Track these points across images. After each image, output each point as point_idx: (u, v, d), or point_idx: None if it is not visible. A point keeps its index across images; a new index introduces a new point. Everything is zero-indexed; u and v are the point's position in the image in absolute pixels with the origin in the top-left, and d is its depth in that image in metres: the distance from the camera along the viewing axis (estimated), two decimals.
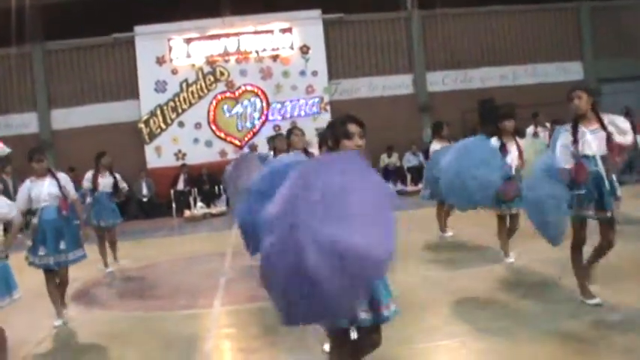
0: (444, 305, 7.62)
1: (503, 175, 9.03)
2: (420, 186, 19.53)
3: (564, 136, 6.95)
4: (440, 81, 24.38)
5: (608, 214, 6.84)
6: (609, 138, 6.80)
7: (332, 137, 4.64)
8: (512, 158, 9.22)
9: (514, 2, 24.46)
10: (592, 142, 6.83)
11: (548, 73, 24.85)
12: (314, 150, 9.03)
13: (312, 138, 9.87)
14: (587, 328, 6.51)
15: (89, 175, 11.87)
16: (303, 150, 9.16)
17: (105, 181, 11.88)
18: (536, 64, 24.85)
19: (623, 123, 6.93)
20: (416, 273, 9.36)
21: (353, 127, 4.56)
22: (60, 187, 8.23)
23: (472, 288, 8.46)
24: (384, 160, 22.92)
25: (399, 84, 24.20)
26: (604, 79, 23.47)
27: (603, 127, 6.82)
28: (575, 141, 6.84)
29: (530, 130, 14.79)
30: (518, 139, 9.50)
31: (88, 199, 11.53)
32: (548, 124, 14.96)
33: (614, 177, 6.88)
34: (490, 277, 8.96)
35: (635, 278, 7.14)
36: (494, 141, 9.30)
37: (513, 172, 9.16)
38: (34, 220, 8.19)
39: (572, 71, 25.25)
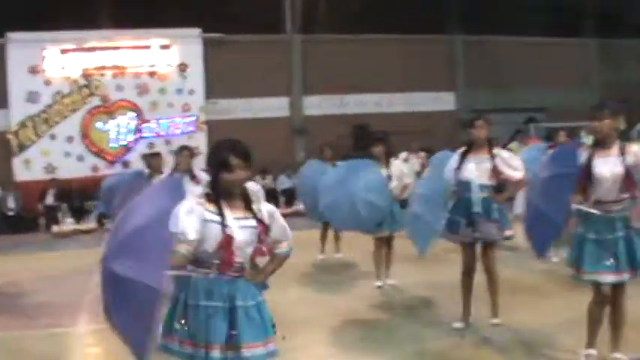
0: (316, 325, 7.72)
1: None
2: (295, 208, 19.81)
3: (453, 160, 7.45)
4: (316, 105, 24.66)
5: (476, 236, 7.28)
6: (495, 169, 7.17)
7: (211, 167, 4.37)
8: None
9: (393, 31, 24.97)
10: (472, 170, 7.16)
11: (422, 102, 25.55)
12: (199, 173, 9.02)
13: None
14: (453, 348, 6.78)
15: None
16: (189, 172, 9.07)
17: None
18: (411, 92, 25.47)
19: (512, 158, 7.40)
20: (292, 293, 9.42)
21: (235, 160, 4.25)
22: None
23: (347, 309, 8.64)
24: (258, 181, 22.84)
25: (276, 106, 24.35)
26: (475, 110, 24.20)
27: (492, 158, 7.19)
28: (459, 167, 7.18)
29: (403, 155, 15.12)
30: (394, 163, 9.72)
31: None
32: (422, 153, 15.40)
33: (493, 204, 7.28)
34: (364, 298, 9.19)
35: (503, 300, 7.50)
36: None
37: None
38: None
39: (445, 101, 26.06)
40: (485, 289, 7.57)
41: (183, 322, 4.24)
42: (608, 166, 5.71)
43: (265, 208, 4.46)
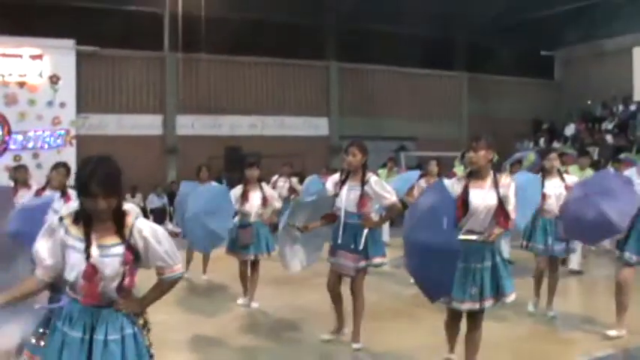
0: (181, 348, 7.69)
1: (240, 221, 9.37)
2: (164, 228, 19.60)
3: (330, 186, 7.59)
4: (189, 124, 24.48)
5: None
6: (364, 196, 7.33)
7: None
8: (252, 205, 9.54)
9: (270, 55, 25.14)
10: (343, 197, 7.29)
11: (296, 127, 25.82)
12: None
13: None
14: None
15: None
16: (62, 189, 8.84)
17: None
18: (285, 116, 25.66)
19: (380, 184, 7.48)
20: (159, 316, 9.28)
21: (94, 189, 3.70)
22: None
23: (213, 331, 8.69)
24: (128, 200, 22.44)
25: (149, 124, 24.04)
26: (346, 137, 24.53)
27: (363, 185, 7.29)
28: (336, 194, 7.30)
29: (274, 179, 15.27)
30: (265, 187, 9.85)
31: None
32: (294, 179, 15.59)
33: (363, 232, 7.32)
34: (231, 320, 9.27)
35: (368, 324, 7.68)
36: (238, 189, 9.60)
37: (252, 218, 9.48)
38: None
39: (318, 126, 26.41)
40: (349, 313, 7.70)
41: (40, 335, 3.93)
42: (481, 197, 5.88)
43: (138, 230, 3.91)
